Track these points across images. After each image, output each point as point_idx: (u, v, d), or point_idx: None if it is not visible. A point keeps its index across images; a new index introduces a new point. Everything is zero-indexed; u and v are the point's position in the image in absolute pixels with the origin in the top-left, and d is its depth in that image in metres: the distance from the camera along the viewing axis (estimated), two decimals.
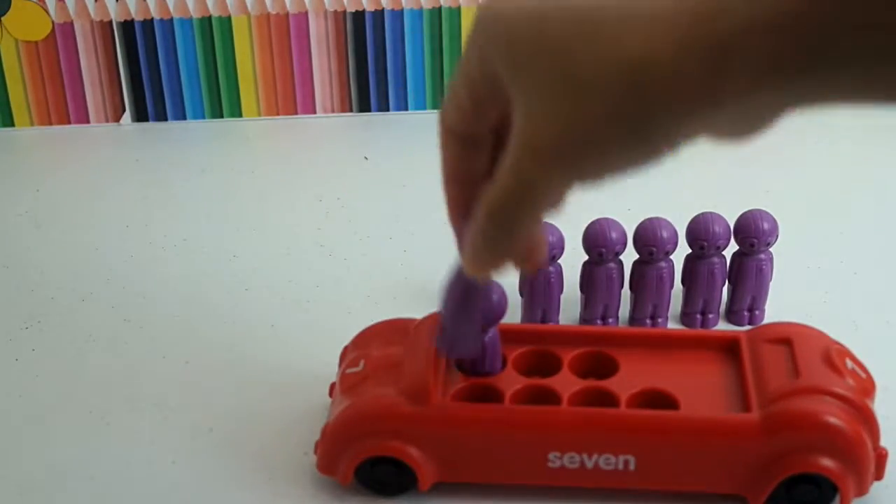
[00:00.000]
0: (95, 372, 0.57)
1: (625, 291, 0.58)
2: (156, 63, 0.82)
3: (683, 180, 0.68)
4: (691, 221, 0.57)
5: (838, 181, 0.75)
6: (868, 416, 0.45)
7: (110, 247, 0.69)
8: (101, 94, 0.83)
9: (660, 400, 0.47)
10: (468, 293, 0.44)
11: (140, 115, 0.84)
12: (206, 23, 0.81)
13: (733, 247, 0.58)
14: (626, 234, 0.57)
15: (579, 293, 0.58)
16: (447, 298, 0.45)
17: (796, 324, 0.50)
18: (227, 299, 0.63)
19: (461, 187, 0.41)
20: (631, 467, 0.45)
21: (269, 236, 0.69)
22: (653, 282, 0.57)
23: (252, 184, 0.77)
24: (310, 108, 0.85)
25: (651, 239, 0.56)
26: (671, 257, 0.57)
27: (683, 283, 0.59)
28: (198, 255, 0.68)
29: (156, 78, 0.83)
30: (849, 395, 0.45)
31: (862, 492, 0.45)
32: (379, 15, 0.82)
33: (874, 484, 0.46)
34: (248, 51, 0.82)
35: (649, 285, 0.57)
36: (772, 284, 0.58)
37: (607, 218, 0.57)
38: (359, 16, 0.82)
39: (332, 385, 0.50)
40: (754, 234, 0.57)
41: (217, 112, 0.84)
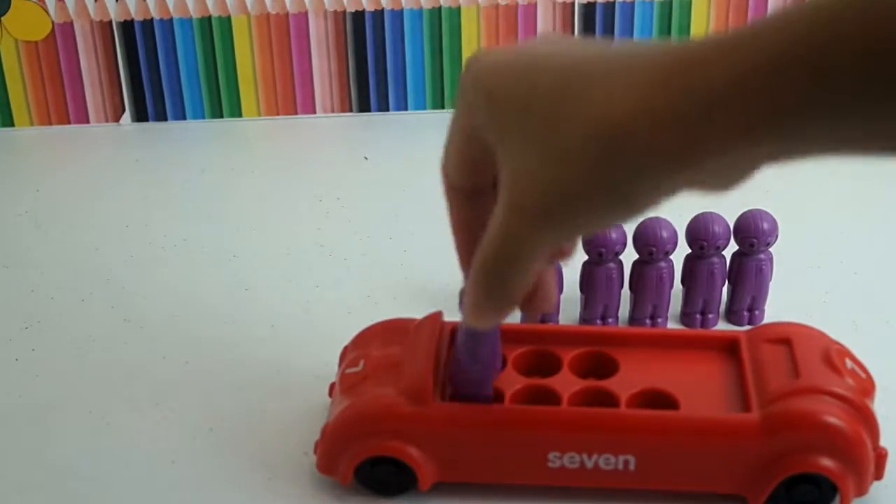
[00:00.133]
0: (95, 372, 0.57)
1: (624, 291, 0.58)
2: (156, 63, 0.82)
3: None
4: (691, 221, 0.57)
5: (838, 181, 0.75)
6: (868, 416, 0.45)
7: (110, 247, 0.69)
8: (101, 94, 0.83)
9: (660, 400, 0.47)
10: (476, 337, 0.45)
11: (140, 115, 0.84)
12: (206, 23, 0.82)
13: (733, 247, 0.58)
14: (625, 234, 0.57)
15: (579, 293, 0.58)
16: (458, 342, 0.46)
17: (796, 324, 0.50)
18: (227, 299, 0.63)
19: (469, 236, 0.41)
20: (631, 467, 0.45)
21: (269, 236, 0.69)
22: (652, 282, 0.57)
23: (252, 184, 0.77)
24: (310, 108, 0.85)
25: (651, 239, 0.56)
26: (671, 257, 0.57)
27: (683, 283, 0.59)
28: (198, 255, 0.68)
29: (156, 78, 0.83)
30: (848, 395, 0.45)
31: (862, 492, 0.45)
32: (379, 15, 0.82)
33: (874, 484, 0.46)
34: (248, 51, 0.83)
35: (649, 285, 0.57)
36: (772, 284, 0.58)
37: None
38: (358, 16, 0.82)
39: (332, 385, 0.50)
40: (754, 234, 0.56)
41: (217, 112, 0.84)
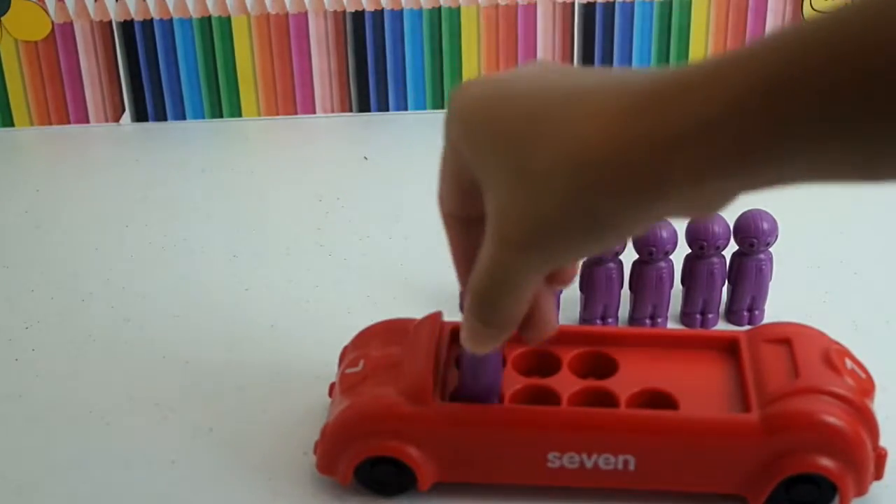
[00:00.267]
0: (95, 372, 0.57)
1: (624, 291, 0.58)
2: (155, 63, 0.82)
3: None
4: (691, 221, 0.57)
5: None
6: (867, 416, 0.45)
7: (110, 247, 0.69)
8: (101, 94, 0.83)
9: (659, 400, 0.47)
10: (477, 361, 0.46)
11: (140, 115, 0.84)
12: (206, 23, 0.81)
13: (733, 247, 0.58)
14: None
15: (579, 293, 0.58)
16: (463, 356, 0.46)
17: (796, 324, 0.50)
18: (227, 299, 0.63)
19: (468, 262, 0.41)
20: (630, 467, 0.45)
21: (269, 236, 0.69)
22: (652, 282, 0.57)
23: (252, 184, 0.77)
24: (309, 108, 0.85)
25: (650, 238, 0.56)
26: (671, 257, 0.57)
27: (683, 283, 0.59)
28: (198, 255, 0.68)
29: (155, 78, 0.83)
30: (848, 395, 0.45)
31: (861, 492, 0.45)
32: (378, 15, 0.82)
33: (874, 484, 0.46)
34: (248, 51, 0.82)
35: (649, 285, 0.57)
36: (771, 284, 0.58)
37: None
38: (358, 16, 0.82)
39: (332, 385, 0.50)
40: (754, 233, 0.56)
41: (217, 112, 0.84)
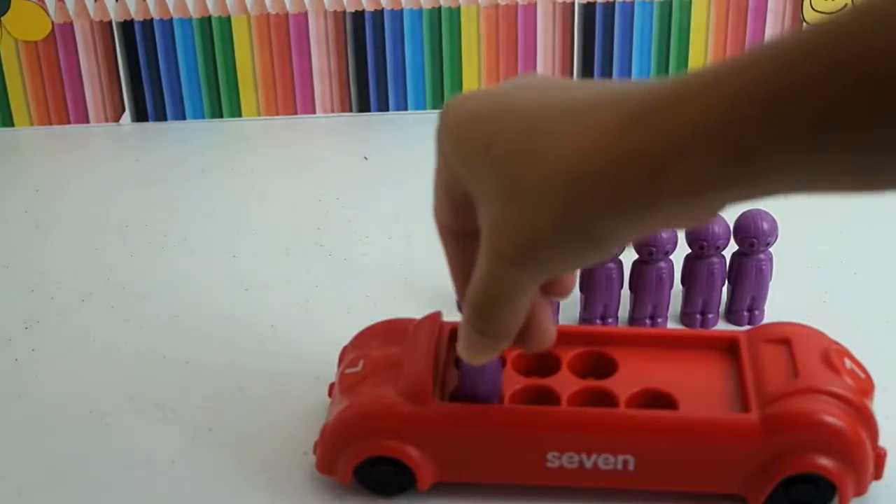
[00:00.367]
0: (95, 372, 0.57)
1: (624, 291, 0.58)
2: (155, 63, 0.82)
3: None
4: None
5: None
6: (867, 416, 0.45)
7: (110, 247, 0.69)
8: (101, 93, 0.83)
9: (659, 400, 0.47)
10: (475, 370, 0.46)
11: (140, 114, 0.84)
12: (206, 23, 0.81)
13: (733, 246, 0.58)
14: None
15: (579, 293, 0.58)
16: (462, 364, 0.46)
17: (795, 324, 0.50)
18: (227, 299, 0.63)
19: (466, 276, 0.42)
20: (630, 467, 0.45)
21: (268, 236, 0.69)
22: (652, 282, 0.57)
23: (252, 184, 0.77)
24: (309, 108, 0.85)
25: (650, 239, 0.56)
26: (671, 257, 0.57)
27: (683, 283, 0.59)
28: (198, 255, 0.68)
29: (155, 78, 0.83)
30: (847, 395, 0.45)
31: (861, 491, 0.45)
32: (378, 15, 0.82)
33: (873, 483, 0.46)
34: (248, 51, 0.82)
35: (649, 285, 0.57)
36: (771, 284, 0.58)
37: None
38: (358, 16, 0.82)
39: (332, 385, 0.50)
40: (754, 233, 0.56)
41: (217, 112, 0.84)
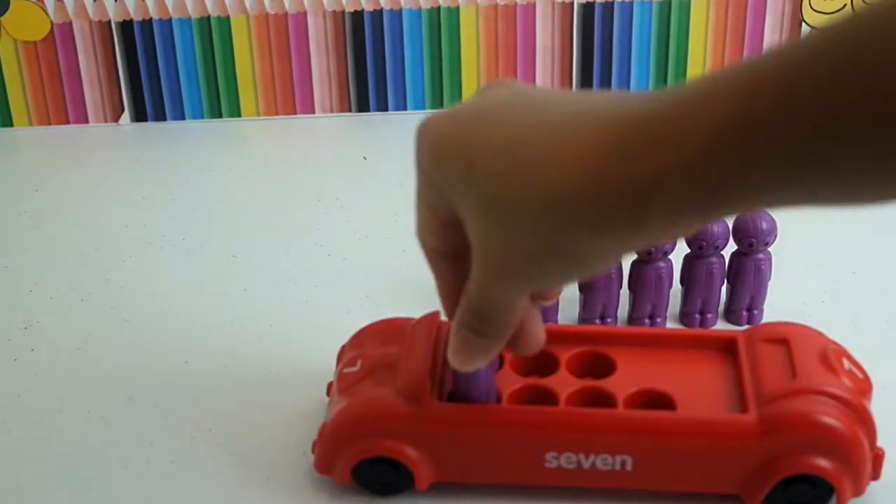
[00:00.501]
0: (95, 372, 0.57)
1: (623, 291, 0.58)
2: (154, 63, 0.82)
3: None
4: None
5: None
6: (865, 417, 0.45)
7: (110, 247, 0.69)
8: (100, 94, 0.83)
9: (657, 400, 0.47)
10: (468, 376, 0.46)
11: (139, 115, 0.84)
12: (205, 23, 0.82)
13: (732, 246, 0.58)
14: None
15: (578, 293, 0.58)
16: (455, 373, 0.46)
17: (793, 324, 0.50)
18: (227, 299, 0.63)
19: (456, 298, 0.42)
20: (628, 467, 0.45)
21: (268, 236, 0.69)
22: (651, 281, 0.57)
23: (251, 184, 0.77)
24: (308, 108, 0.85)
25: None
26: (670, 257, 0.57)
27: (682, 282, 0.59)
28: (197, 255, 0.68)
29: (154, 78, 0.83)
30: (845, 396, 0.45)
31: (858, 492, 0.45)
32: (377, 15, 0.82)
33: (871, 484, 0.46)
34: (247, 51, 0.82)
35: (648, 285, 0.57)
36: (771, 284, 0.58)
37: None
38: (357, 16, 0.82)
39: (330, 385, 0.51)
40: (753, 233, 0.56)
41: (216, 112, 0.84)
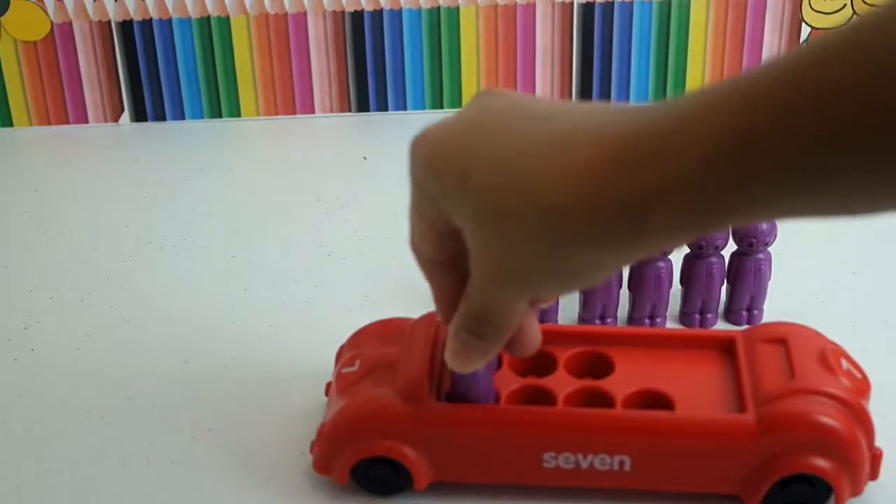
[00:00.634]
0: (95, 372, 0.57)
1: (623, 291, 0.58)
2: (154, 63, 0.82)
3: None
4: None
5: None
6: (863, 417, 0.45)
7: (109, 247, 0.69)
8: (100, 93, 0.84)
9: (655, 400, 0.47)
10: (467, 377, 0.46)
11: (139, 114, 0.84)
12: (205, 23, 0.82)
13: (732, 246, 0.58)
14: None
15: (577, 293, 0.58)
16: (454, 374, 0.46)
17: (792, 324, 0.50)
18: (226, 299, 0.63)
19: (452, 307, 0.42)
20: (626, 468, 0.45)
21: (267, 236, 0.69)
22: (651, 281, 0.57)
23: (251, 184, 0.77)
24: (308, 108, 0.85)
25: None
26: (669, 257, 0.57)
27: (682, 282, 0.59)
28: (197, 255, 0.68)
29: (154, 78, 0.83)
30: (843, 396, 0.45)
31: (857, 492, 0.45)
32: (377, 15, 0.82)
33: (869, 484, 0.46)
34: (247, 51, 0.83)
35: (648, 285, 0.57)
36: (771, 284, 0.58)
37: None
38: (357, 16, 0.82)
39: (329, 384, 0.51)
40: (753, 233, 0.56)
41: (216, 112, 0.84)
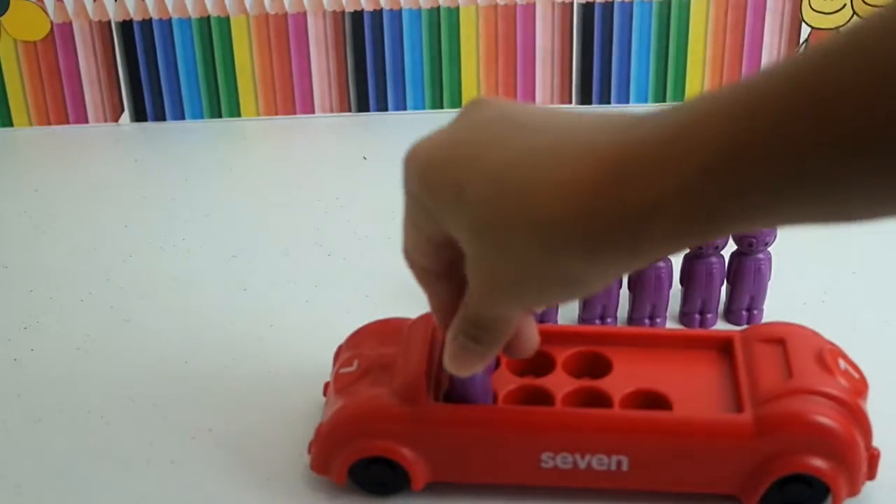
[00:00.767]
0: (95, 372, 0.57)
1: (623, 291, 0.58)
2: (154, 63, 0.83)
3: None
4: None
5: None
6: (860, 417, 0.45)
7: (109, 247, 0.69)
8: (100, 93, 0.84)
9: (653, 400, 0.47)
10: (464, 379, 0.46)
11: (139, 114, 0.84)
12: (205, 23, 0.82)
13: (732, 246, 0.58)
14: None
15: None
16: (452, 377, 0.46)
17: (790, 324, 0.50)
18: (226, 299, 0.63)
19: (448, 314, 0.43)
20: (624, 468, 0.45)
21: (267, 236, 0.70)
22: (651, 281, 0.57)
23: (251, 184, 0.77)
24: (308, 108, 0.85)
25: None
26: (669, 257, 0.57)
27: (682, 282, 0.59)
28: (197, 255, 0.68)
29: (154, 78, 0.83)
30: (841, 396, 0.45)
31: (854, 492, 0.45)
32: (377, 15, 0.82)
33: (867, 484, 0.46)
34: (247, 51, 0.83)
35: (647, 285, 0.57)
36: (771, 284, 0.58)
37: None
38: (357, 16, 0.82)
39: (327, 384, 0.51)
40: (752, 233, 0.56)
41: (216, 112, 0.85)
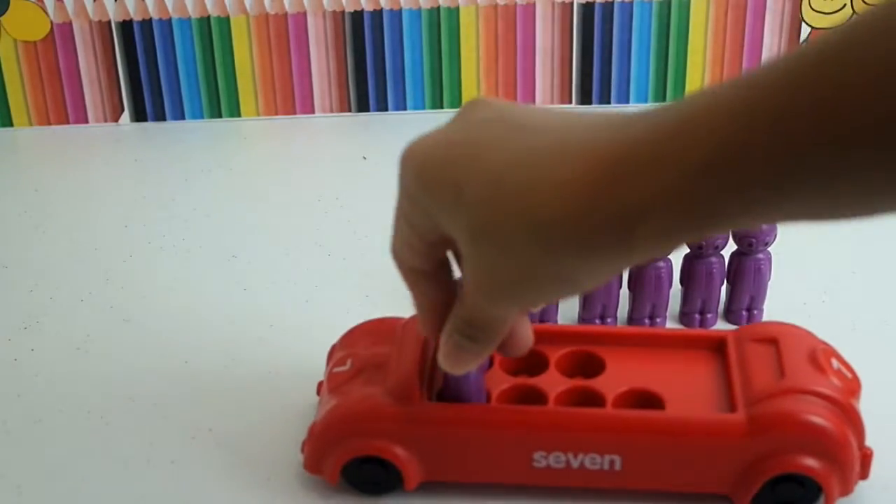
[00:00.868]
0: (95, 372, 0.57)
1: (623, 291, 0.58)
2: (154, 63, 0.83)
3: None
4: None
5: None
6: (853, 416, 0.45)
7: (109, 247, 0.69)
8: (100, 93, 0.84)
9: (646, 400, 0.47)
10: (458, 377, 0.46)
11: (139, 114, 0.85)
12: (205, 23, 0.82)
13: (732, 246, 0.58)
14: None
15: None
16: (446, 376, 0.46)
17: (783, 323, 0.50)
18: (226, 299, 0.63)
19: (437, 317, 0.43)
20: (617, 467, 0.45)
21: (267, 236, 0.70)
22: (651, 281, 0.57)
23: (251, 184, 0.78)
24: (308, 107, 0.85)
25: None
26: (669, 257, 0.57)
27: (682, 282, 0.59)
28: (197, 255, 0.68)
29: (154, 78, 0.83)
30: (834, 396, 0.45)
31: (847, 491, 0.45)
32: (377, 15, 0.82)
33: (859, 483, 0.46)
34: (247, 51, 0.83)
35: (647, 285, 0.57)
36: (771, 284, 0.58)
37: None
38: (357, 16, 0.82)
39: (320, 383, 0.51)
40: (753, 233, 0.56)
41: (216, 112, 0.85)
